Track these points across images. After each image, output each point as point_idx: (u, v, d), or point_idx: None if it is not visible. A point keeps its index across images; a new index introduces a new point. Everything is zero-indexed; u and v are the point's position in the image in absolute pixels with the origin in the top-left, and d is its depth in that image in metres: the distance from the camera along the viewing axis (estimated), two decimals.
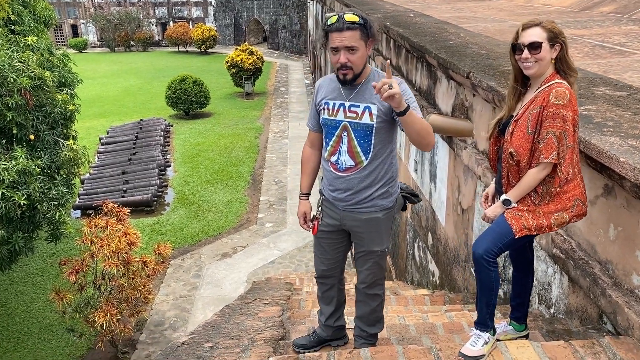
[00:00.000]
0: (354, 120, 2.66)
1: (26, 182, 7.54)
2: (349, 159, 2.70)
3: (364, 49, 2.59)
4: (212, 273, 12.03)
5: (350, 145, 2.69)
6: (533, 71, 2.45)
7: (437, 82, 5.90)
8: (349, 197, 2.75)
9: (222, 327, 3.47)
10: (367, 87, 2.64)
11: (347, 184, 2.73)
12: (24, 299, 10.75)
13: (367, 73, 2.67)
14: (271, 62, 36.89)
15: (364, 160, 2.69)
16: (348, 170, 2.72)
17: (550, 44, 2.42)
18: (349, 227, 2.81)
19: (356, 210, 2.76)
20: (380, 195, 2.73)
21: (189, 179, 17.03)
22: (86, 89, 16.62)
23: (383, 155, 2.69)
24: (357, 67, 2.61)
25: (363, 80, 2.66)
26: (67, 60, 9.85)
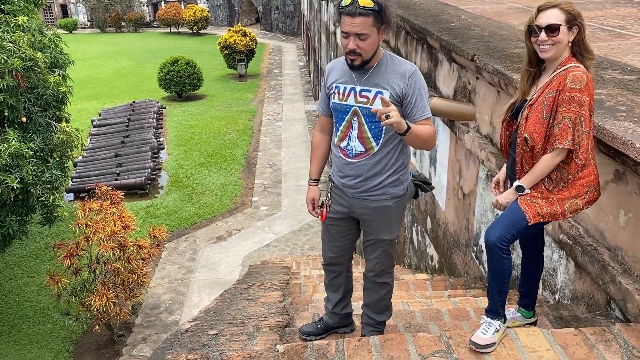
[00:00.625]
0: (365, 105, 2.58)
1: (19, 165, 7.43)
2: (359, 144, 2.63)
3: (376, 36, 2.49)
4: (207, 256, 11.99)
5: (360, 131, 2.62)
6: (550, 54, 2.38)
7: (438, 65, 5.83)
8: (358, 184, 2.68)
9: (225, 313, 3.43)
10: (379, 71, 2.56)
11: (357, 171, 2.67)
12: (17, 283, 10.68)
13: (379, 57, 2.59)
14: (264, 44, 36.53)
15: (374, 147, 2.62)
16: (358, 156, 2.65)
17: (568, 26, 2.35)
18: (358, 214, 2.75)
19: (366, 197, 2.69)
20: (391, 182, 2.67)
21: (183, 162, 16.91)
22: (77, 71, 16.34)
23: (395, 142, 2.63)
24: (367, 53, 2.53)
25: (375, 64, 2.58)
26: (59, 41, 9.65)
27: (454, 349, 2.41)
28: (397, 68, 2.57)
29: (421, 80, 2.58)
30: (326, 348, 2.45)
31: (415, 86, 2.54)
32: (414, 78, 2.55)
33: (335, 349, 2.44)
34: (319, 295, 4.30)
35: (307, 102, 23.54)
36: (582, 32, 2.37)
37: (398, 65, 2.59)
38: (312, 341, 2.77)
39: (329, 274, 2.99)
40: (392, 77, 2.53)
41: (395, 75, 2.54)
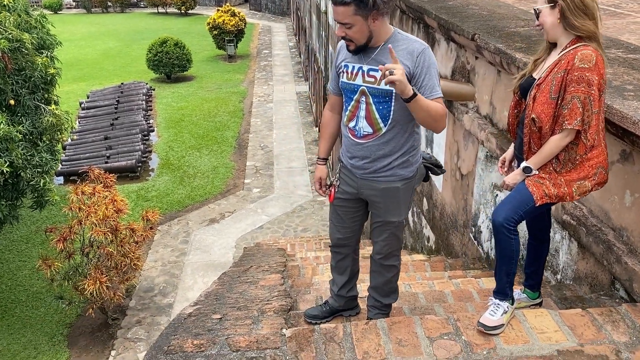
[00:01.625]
0: (372, 86, 2.52)
1: (8, 148, 7.32)
2: (366, 125, 2.58)
3: (362, 24, 2.43)
4: (200, 239, 11.95)
5: (368, 111, 2.56)
6: (545, 36, 2.45)
7: (436, 45, 5.76)
8: (366, 165, 2.64)
9: (226, 297, 3.40)
10: (386, 49, 2.49)
11: (365, 152, 2.61)
12: (9, 267, 10.59)
13: (386, 36, 2.52)
14: (254, 24, 36.09)
15: (382, 128, 2.56)
16: (366, 137, 2.60)
17: (550, 5, 2.34)
18: (366, 196, 2.71)
19: (374, 179, 2.65)
20: (399, 164, 2.62)
21: (173, 144, 16.76)
22: (64, 52, 15.97)
23: (404, 123, 2.56)
24: (358, 40, 2.49)
25: (382, 43, 2.52)
26: (45, 22, 9.44)
27: (462, 331, 2.40)
28: (405, 46, 2.49)
29: (431, 58, 2.50)
30: (334, 331, 2.42)
31: (424, 65, 2.47)
32: (423, 56, 2.47)
33: (343, 332, 2.42)
34: (319, 277, 4.28)
35: (297, 83, 23.36)
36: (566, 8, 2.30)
37: (407, 43, 2.51)
38: (318, 324, 2.75)
39: (335, 256, 2.95)
40: (401, 56, 2.46)
41: (403, 54, 2.47)
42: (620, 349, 2.28)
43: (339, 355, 2.28)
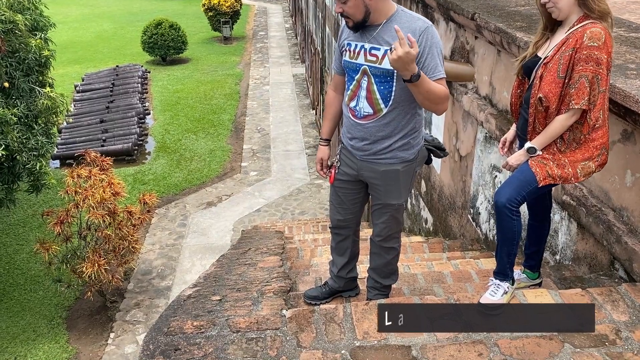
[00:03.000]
0: (374, 65, 2.47)
1: (3, 132, 7.25)
2: (367, 105, 2.53)
3: None
4: (197, 222, 11.94)
5: (369, 91, 2.51)
6: (556, 14, 2.34)
7: (435, 24, 5.69)
8: (366, 146, 2.60)
9: (225, 279, 3.40)
10: (388, 28, 2.44)
11: (365, 133, 2.58)
12: (7, 251, 10.57)
13: (388, 13, 2.47)
14: (249, 5, 35.73)
15: (383, 109, 2.52)
16: (366, 117, 2.56)
17: None
18: (365, 177, 2.68)
19: (374, 161, 2.61)
20: (400, 146, 2.58)
21: (170, 127, 16.67)
22: (58, 34, 15.76)
23: (405, 104, 2.52)
24: (354, 16, 2.45)
25: (384, 20, 2.47)
26: (38, 3, 9.32)
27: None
28: (409, 24, 2.43)
29: (434, 37, 2.45)
30: (334, 312, 2.42)
31: (426, 44, 2.41)
32: (425, 35, 2.42)
33: (343, 312, 2.42)
34: (317, 259, 4.28)
35: (294, 65, 23.19)
36: None
37: (410, 21, 2.45)
38: (318, 305, 2.75)
39: (335, 237, 2.94)
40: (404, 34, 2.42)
41: (406, 32, 2.42)
42: (620, 328, 2.29)
43: (339, 335, 2.28)
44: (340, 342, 2.25)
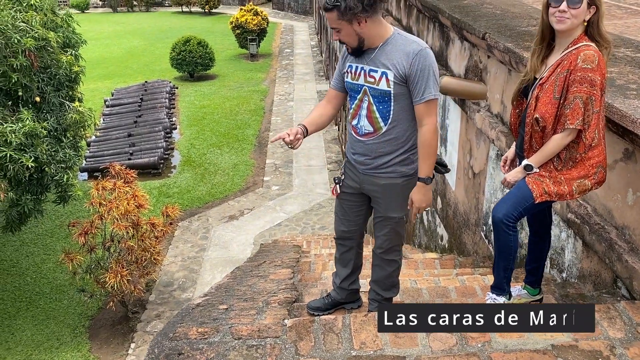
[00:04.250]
0: (372, 86, 2.60)
1: (33, 144, 7.54)
2: (368, 124, 2.66)
3: (348, 27, 2.50)
4: (219, 235, 12.12)
5: (369, 110, 2.64)
6: (565, 26, 2.34)
7: (450, 43, 5.78)
8: (368, 161, 2.72)
9: (235, 289, 3.50)
10: (385, 50, 2.56)
11: (366, 149, 2.70)
12: (34, 260, 10.89)
13: (385, 36, 2.59)
14: (276, 23, 36.27)
15: (382, 127, 2.64)
16: (367, 135, 2.69)
17: (588, 2, 2.33)
18: (367, 191, 2.79)
19: (375, 174, 2.73)
20: (400, 161, 2.69)
21: (195, 142, 16.99)
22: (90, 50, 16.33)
23: (404, 122, 2.63)
24: (350, 43, 2.57)
25: (380, 43, 2.58)
26: (71, 21, 9.70)
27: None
28: (403, 47, 2.55)
29: (427, 60, 2.53)
30: (333, 322, 2.50)
31: (418, 66, 2.51)
32: (418, 58, 2.51)
33: (342, 323, 2.49)
34: (328, 272, 4.35)
35: (318, 82, 23.44)
36: (598, 13, 2.34)
37: (405, 44, 2.56)
38: (320, 316, 2.82)
39: (339, 248, 3.04)
40: (397, 57, 2.53)
41: (400, 55, 2.53)
42: (614, 344, 2.31)
43: (337, 345, 2.36)
44: (337, 351, 2.33)
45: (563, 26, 2.36)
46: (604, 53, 2.36)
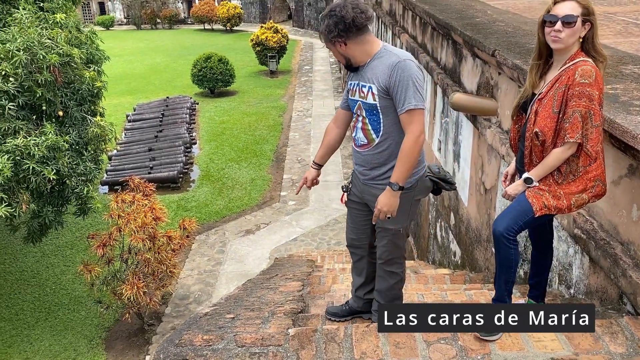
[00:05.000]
0: (363, 100, 2.73)
1: (55, 157, 7.73)
2: (362, 136, 2.79)
3: (334, 49, 2.75)
4: (235, 249, 12.21)
5: (363, 123, 2.77)
6: (561, 45, 2.39)
7: (463, 60, 5.84)
8: (365, 171, 2.84)
9: (244, 300, 3.56)
10: (370, 66, 2.69)
11: (363, 160, 2.82)
12: (54, 271, 11.09)
13: (371, 53, 2.70)
14: (296, 40, 36.72)
15: (375, 139, 2.75)
16: (363, 146, 2.81)
17: (582, 19, 2.37)
18: (367, 200, 2.88)
19: (373, 185, 2.82)
20: None
21: (214, 157, 17.20)
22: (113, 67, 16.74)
23: (397, 135, 2.70)
24: (340, 60, 2.79)
25: (368, 60, 2.69)
26: (95, 38, 9.97)
27: (459, 336, 2.47)
28: (385, 61, 2.64)
29: (406, 70, 2.58)
30: (335, 332, 2.54)
31: (396, 78, 2.58)
32: (396, 69, 2.58)
33: (344, 333, 2.53)
34: (337, 286, 4.39)
35: (337, 98, 23.59)
36: (593, 29, 2.39)
37: (387, 57, 2.65)
38: (337, 322, 2.90)
39: (352, 256, 3.13)
40: (379, 71, 2.64)
41: (382, 68, 2.63)
42: (615, 359, 2.31)
43: (338, 354, 2.40)
44: None
45: (559, 45, 2.41)
46: (601, 67, 2.40)
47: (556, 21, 2.37)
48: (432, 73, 7.07)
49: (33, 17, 8.20)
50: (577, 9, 2.37)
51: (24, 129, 7.38)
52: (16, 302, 10.07)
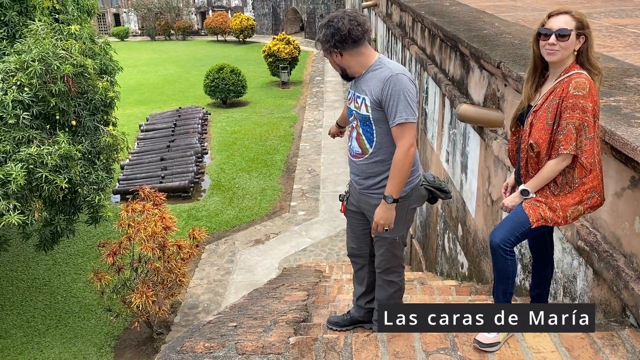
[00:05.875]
0: (358, 110, 2.78)
1: (68, 166, 7.85)
2: (357, 145, 2.83)
3: (331, 59, 2.80)
4: (245, 259, 12.25)
5: (358, 133, 2.81)
6: (556, 58, 2.42)
7: (470, 72, 5.85)
8: (360, 180, 2.86)
9: (248, 309, 3.58)
10: (365, 77, 2.73)
11: (357, 169, 2.86)
12: (65, 279, 11.19)
13: (367, 65, 2.74)
14: (308, 52, 36.91)
15: (369, 149, 2.78)
16: (357, 156, 2.85)
17: (576, 33, 2.40)
18: (363, 210, 2.90)
19: (368, 194, 2.85)
20: None
21: (225, 167, 17.31)
22: (127, 77, 16.93)
23: (390, 146, 2.73)
24: (337, 70, 2.85)
25: (364, 71, 2.73)
26: (108, 49, 10.14)
27: (459, 347, 2.48)
28: (379, 74, 2.67)
29: (397, 85, 2.60)
30: (335, 341, 2.55)
31: (388, 92, 2.61)
32: (388, 83, 2.61)
33: (344, 342, 2.55)
34: (342, 296, 4.40)
35: None
36: (587, 42, 2.41)
37: (381, 71, 2.68)
38: (338, 331, 2.92)
39: (353, 266, 3.15)
40: (373, 83, 2.67)
41: (375, 81, 2.66)
42: None
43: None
44: None
45: (554, 58, 2.43)
46: (596, 80, 2.41)
47: (550, 34, 2.40)
48: (440, 84, 7.09)
49: (48, 29, 8.36)
50: (571, 22, 2.40)
51: (37, 138, 7.50)
52: (27, 310, 10.17)
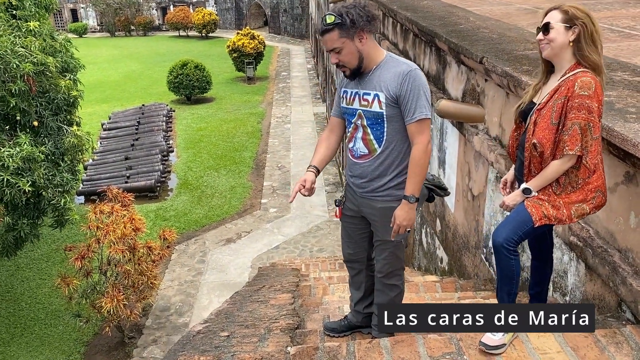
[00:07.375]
0: (366, 109, 2.65)
1: (31, 168, 7.52)
2: (362, 146, 2.70)
3: (351, 45, 2.56)
4: (216, 258, 12.04)
5: (364, 133, 2.69)
6: (546, 52, 2.42)
7: (447, 67, 5.83)
8: (364, 183, 2.75)
9: (236, 315, 3.46)
10: (377, 73, 2.62)
11: (362, 171, 2.74)
12: (29, 285, 10.78)
13: (378, 60, 2.64)
14: (273, 47, 36.66)
15: (377, 149, 2.67)
16: (362, 157, 2.73)
17: (565, 25, 2.36)
18: (365, 214, 2.81)
19: (372, 197, 2.75)
20: (395, 185, 2.71)
21: (192, 165, 17.00)
22: (87, 74, 16.34)
23: (399, 144, 2.65)
24: (350, 63, 2.61)
25: (374, 67, 2.63)
26: (69, 46, 9.76)
27: (464, 350, 2.42)
28: (394, 69, 2.60)
29: (417, 80, 2.56)
30: (337, 350, 2.46)
31: (408, 87, 2.55)
32: (407, 78, 2.56)
33: (347, 350, 2.46)
34: (329, 297, 4.32)
35: (315, 105, 23.58)
36: (583, 33, 2.36)
37: (395, 66, 2.62)
38: (336, 337, 2.82)
39: (350, 271, 3.05)
40: (388, 79, 2.58)
41: (391, 77, 2.58)
42: None
43: None
44: None
45: (544, 53, 2.44)
46: (603, 78, 2.38)
47: (539, 32, 2.43)
48: None
49: (5, 25, 7.97)
50: (557, 15, 2.39)
51: None
52: None
